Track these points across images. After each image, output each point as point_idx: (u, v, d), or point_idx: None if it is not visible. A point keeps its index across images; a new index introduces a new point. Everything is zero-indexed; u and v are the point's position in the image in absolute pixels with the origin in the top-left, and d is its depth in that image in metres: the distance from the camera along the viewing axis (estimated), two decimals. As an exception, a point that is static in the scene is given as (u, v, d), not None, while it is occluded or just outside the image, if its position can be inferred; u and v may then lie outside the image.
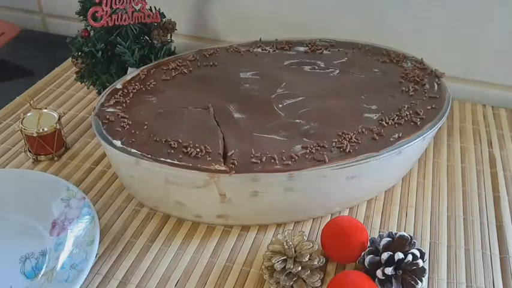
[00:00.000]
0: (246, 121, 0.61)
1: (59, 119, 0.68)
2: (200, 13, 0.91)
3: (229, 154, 0.56)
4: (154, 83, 0.67)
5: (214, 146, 0.57)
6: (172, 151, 0.56)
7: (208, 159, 0.55)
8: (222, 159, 0.55)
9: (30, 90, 0.83)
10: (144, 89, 0.66)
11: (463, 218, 0.62)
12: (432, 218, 0.62)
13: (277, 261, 0.52)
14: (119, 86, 0.67)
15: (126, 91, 0.66)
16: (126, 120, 0.61)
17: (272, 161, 0.54)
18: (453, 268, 0.56)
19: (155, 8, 0.74)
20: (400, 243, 0.52)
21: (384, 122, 0.60)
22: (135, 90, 0.66)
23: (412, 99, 0.64)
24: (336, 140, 0.57)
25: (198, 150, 0.56)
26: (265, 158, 0.55)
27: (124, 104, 0.64)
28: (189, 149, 0.56)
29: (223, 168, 0.54)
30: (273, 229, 0.60)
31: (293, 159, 0.55)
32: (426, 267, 0.53)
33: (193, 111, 0.63)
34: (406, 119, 0.61)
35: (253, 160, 0.54)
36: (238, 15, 0.89)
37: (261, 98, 0.65)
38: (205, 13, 0.91)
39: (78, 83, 0.79)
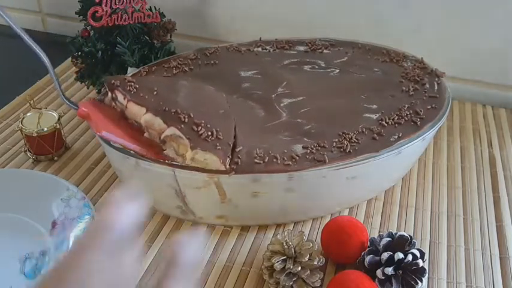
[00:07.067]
0: (247, 120, 0.61)
1: (58, 119, 0.68)
2: (200, 13, 0.91)
3: (237, 150, 0.55)
4: (155, 82, 0.67)
5: (225, 132, 0.56)
6: (183, 126, 0.56)
7: (218, 147, 0.54)
8: (230, 155, 0.54)
9: (30, 90, 0.83)
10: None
11: (463, 218, 0.62)
12: (432, 218, 0.62)
13: (277, 261, 0.52)
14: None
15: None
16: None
17: (273, 161, 0.54)
18: (453, 268, 0.56)
19: (155, 8, 0.74)
20: (400, 243, 0.52)
21: (384, 122, 0.60)
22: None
23: (412, 99, 0.64)
24: (337, 140, 0.57)
25: (209, 133, 0.55)
26: (266, 158, 0.54)
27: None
28: (200, 128, 0.55)
29: (223, 169, 0.54)
30: (273, 229, 0.60)
31: (293, 160, 0.54)
32: (426, 267, 0.53)
33: (208, 89, 0.63)
34: (406, 118, 0.61)
35: (253, 161, 0.54)
36: (238, 15, 0.89)
37: (262, 97, 0.65)
38: (205, 13, 0.91)
39: (78, 83, 0.79)
